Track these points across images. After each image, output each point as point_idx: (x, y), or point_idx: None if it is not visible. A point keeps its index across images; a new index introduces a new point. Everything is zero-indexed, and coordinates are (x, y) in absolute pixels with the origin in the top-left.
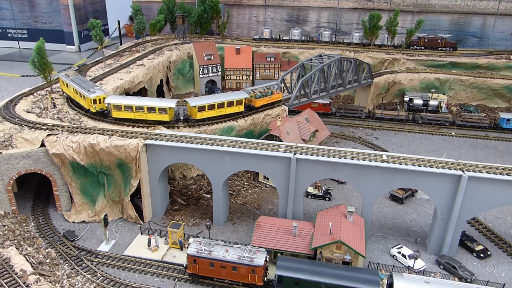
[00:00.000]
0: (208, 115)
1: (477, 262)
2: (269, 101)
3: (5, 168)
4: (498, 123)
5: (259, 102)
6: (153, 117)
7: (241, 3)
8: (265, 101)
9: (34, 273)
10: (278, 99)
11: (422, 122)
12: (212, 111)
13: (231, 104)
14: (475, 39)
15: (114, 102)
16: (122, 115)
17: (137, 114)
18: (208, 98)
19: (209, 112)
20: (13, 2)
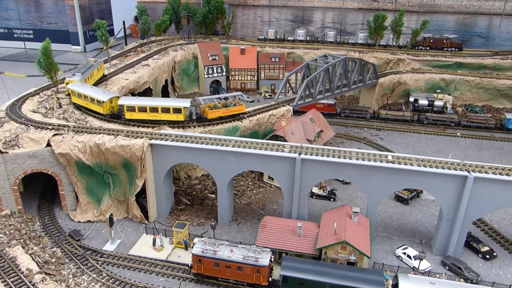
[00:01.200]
0: (138, 116)
1: (482, 263)
2: (227, 113)
3: (11, 168)
4: (504, 124)
5: (213, 114)
6: (168, 117)
7: (246, 4)
8: (220, 113)
9: (40, 272)
10: (240, 112)
11: (427, 123)
12: (143, 113)
13: (166, 110)
14: (481, 40)
15: (127, 103)
16: (135, 116)
17: (151, 114)
18: (143, 100)
19: (139, 114)
20: (19, 3)
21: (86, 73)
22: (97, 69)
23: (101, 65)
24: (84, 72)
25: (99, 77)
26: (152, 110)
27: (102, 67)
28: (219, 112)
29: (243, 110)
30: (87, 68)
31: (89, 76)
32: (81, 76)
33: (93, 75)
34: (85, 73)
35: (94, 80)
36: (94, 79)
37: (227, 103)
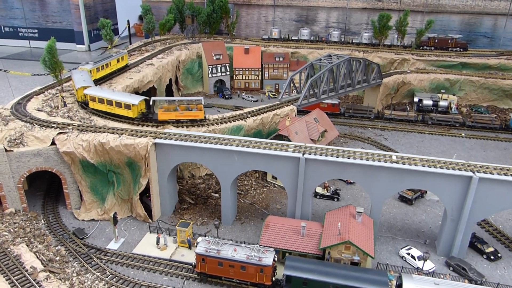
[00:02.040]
0: (98, 107)
1: (487, 264)
2: (180, 117)
3: (16, 166)
4: (509, 124)
5: (163, 116)
6: (120, 111)
7: (250, 3)
8: (173, 116)
9: (44, 270)
10: (197, 118)
11: (431, 123)
12: (102, 105)
13: (119, 105)
14: (486, 40)
15: (90, 93)
16: (96, 107)
17: (107, 107)
18: (104, 92)
19: (99, 105)
20: (24, 2)
21: (100, 62)
22: (117, 59)
23: (124, 55)
24: (98, 62)
25: (119, 67)
26: (108, 102)
27: (125, 58)
28: (171, 115)
29: (201, 116)
30: (105, 58)
31: (103, 66)
32: (93, 65)
33: (110, 65)
34: (99, 62)
35: (112, 70)
36: (111, 68)
37: (189, 107)
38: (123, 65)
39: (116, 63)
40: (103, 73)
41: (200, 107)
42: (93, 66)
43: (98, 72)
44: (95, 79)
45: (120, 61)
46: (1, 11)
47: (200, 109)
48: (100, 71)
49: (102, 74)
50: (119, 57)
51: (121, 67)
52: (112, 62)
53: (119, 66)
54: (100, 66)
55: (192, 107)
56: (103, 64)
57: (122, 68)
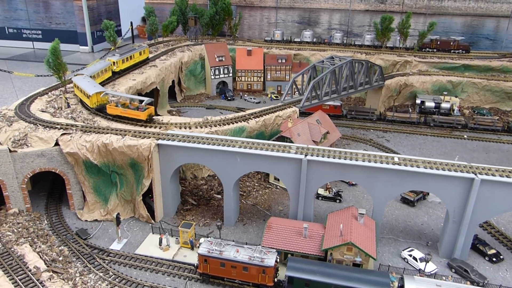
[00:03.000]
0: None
1: (489, 266)
2: (124, 114)
3: (20, 167)
4: (511, 127)
5: (111, 110)
6: (84, 99)
7: (252, 5)
8: (118, 112)
9: (47, 270)
10: (138, 118)
11: (434, 125)
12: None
13: (83, 93)
14: (488, 42)
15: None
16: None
17: (80, 94)
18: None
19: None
20: (28, 3)
21: (125, 55)
22: (140, 52)
23: (146, 49)
24: (123, 54)
25: (141, 60)
26: (81, 90)
27: (146, 51)
28: (117, 111)
29: (142, 117)
30: (129, 50)
31: (128, 58)
32: (119, 57)
33: (134, 57)
34: (124, 54)
35: (135, 62)
36: (134, 61)
37: (139, 106)
38: (145, 57)
39: (139, 55)
40: (127, 65)
41: (150, 109)
42: (119, 57)
43: (123, 63)
44: (120, 69)
45: (142, 54)
46: (5, 12)
47: (148, 109)
48: (125, 62)
49: (126, 65)
50: (141, 50)
51: (142, 59)
52: (135, 54)
53: (141, 58)
54: (125, 58)
55: (135, 106)
56: (127, 56)
57: (143, 60)
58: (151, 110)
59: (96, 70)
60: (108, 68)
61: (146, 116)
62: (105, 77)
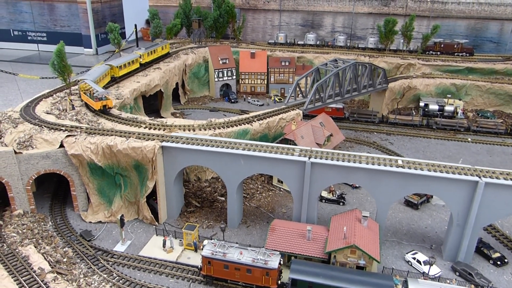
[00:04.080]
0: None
1: (493, 270)
2: (87, 100)
3: (25, 168)
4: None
5: (83, 96)
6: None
7: (256, 8)
8: (85, 98)
9: (51, 271)
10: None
11: (436, 128)
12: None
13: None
14: (492, 45)
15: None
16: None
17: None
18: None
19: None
20: (33, 6)
21: (150, 48)
22: (162, 47)
23: (167, 44)
24: (148, 48)
25: (162, 54)
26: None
27: (167, 46)
28: (84, 97)
29: (95, 107)
30: (152, 45)
31: (152, 51)
32: (145, 50)
33: (157, 51)
34: (149, 48)
35: (158, 56)
36: (157, 54)
37: (102, 96)
38: (166, 52)
39: (161, 50)
40: (152, 57)
41: (106, 101)
42: (145, 51)
43: (148, 56)
44: (145, 61)
45: (164, 49)
46: (10, 15)
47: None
48: (150, 55)
49: (151, 58)
50: (162, 45)
51: (164, 53)
52: (158, 49)
53: (163, 52)
54: (150, 52)
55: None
56: (152, 50)
57: (165, 54)
58: (107, 102)
59: (125, 61)
60: (136, 60)
61: (99, 106)
62: (133, 67)
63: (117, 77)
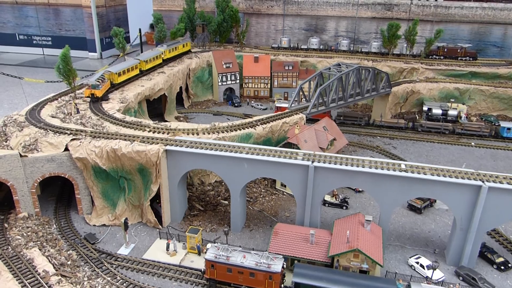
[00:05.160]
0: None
1: (497, 274)
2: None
3: (30, 171)
4: (498, 132)
5: (86, 91)
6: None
7: (260, 12)
8: (87, 93)
9: (56, 274)
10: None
11: (421, 130)
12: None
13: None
14: (496, 49)
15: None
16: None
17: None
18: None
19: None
20: (39, 10)
21: (172, 45)
22: (183, 45)
23: (188, 42)
24: (170, 45)
25: (183, 51)
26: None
27: (188, 44)
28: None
29: (85, 94)
30: (174, 42)
31: (173, 48)
32: (166, 47)
33: (178, 49)
34: (171, 45)
35: (179, 52)
36: (178, 51)
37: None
38: (187, 49)
39: (182, 47)
40: (173, 54)
41: (96, 91)
42: (166, 48)
43: (170, 53)
44: (167, 57)
45: (185, 47)
46: (16, 19)
47: (91, 90)
48: (171, 52)
49: (172, 55)
50: (184, 43)
51: (185, 51)
52: (179, 46)
53: (184, 50)
54: (171, 49)
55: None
56: (173, 47)
57: (186, 52)
58: (96, 92)
59: (150, 56)
60: (159, 56)
61: (88, 93)
62: (156, 63)
63: (144, 70)
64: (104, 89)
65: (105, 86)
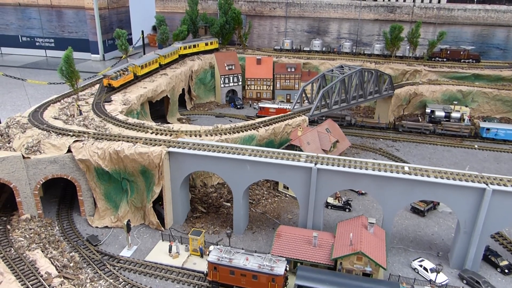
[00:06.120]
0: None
1: (501, 278)
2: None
3: (33, 173)
4: (478, 132)
5: (112, 82)
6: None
7: (262, 14)
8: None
9: (58, 276)
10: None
11: (402, 130)
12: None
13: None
14: (499, 51)
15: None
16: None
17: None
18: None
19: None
20: (41, 12)
21: (188, 43)
22: (206, 43)
23: (215, 40)
24: (186, 42)
25: (207, 49)
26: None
27: (215, 43)
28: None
29: (104, 83)
30: (194, 40)
31: (191, 45)
32: (182, 44)
33: (198, 46)
34: (187, 43)
35: (198, 50)
36: (198, 49)
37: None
38: (212, 48)
39: (204, 46)
40: (190, 51)
41: (112, 82)
42: (182, 44)
43: (185, 49)
44: (183, 53)
45: (209, 45)
46: (19, 21)
47: (108, 81)
48: (187, 49)
49: (188, 51)
50: (208, 41)
51: (209, 49)
52: (200, 44)
53: (208, 48)
54: (188, 45)
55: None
56: (191, 44)
57: (211, 50)
58: (113, 82)
59: (167, 52)
60: (176, 51)
61: (106, 83)
62: (173, 58)
63: (163, 64)
64: (122, 81)
65: (124, 78)
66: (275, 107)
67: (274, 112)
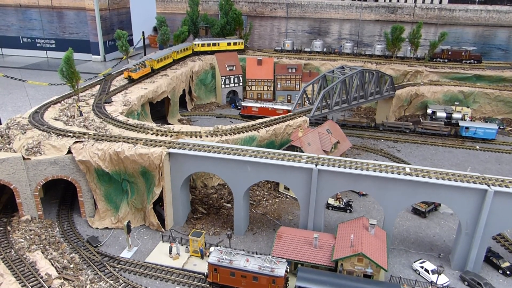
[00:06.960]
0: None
1: (503, 279)
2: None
3: (33, 174)
4: (458, 131)
5: (134, 74)
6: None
7: (263, 15)
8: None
9: (58, 277)
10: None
11: (383, 129)
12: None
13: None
14: (501, 52)
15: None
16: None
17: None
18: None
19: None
20: (42, 13)
21: (207, 41)
22: (228, 43)
23: (240, 41)
24: (205, 40)
25: (231, 49)
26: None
27: (240, 44)
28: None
29: (124, 75)
30: (216, 39)
31: (210, 44)
32: (202, 41)
33: (219, 45)
34: (206, 40)
35: (219, 49)
36: (219, 48)
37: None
38: (237, 48)
39: (226, 45)
40: (207, 48)
41: (132, 74)
42: (200, 41)
43: (202, 46)
44: (198, 50)
45: (232, 45)
46: (20, 22)
47: (128, 73)
48: (204, 46)
49: (206, 49)
50: (231, 41)
51: (234, 49)
52: (222, 43)
53: (231, 48)
54: (206, 43)
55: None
56: (209, 42)
57: (236, 50)
58: (132, 74)
59: (180, 48)
60: (189, 47)
61: (126, 75)
62: (186, 54)
63: (176, 59)
64: (141, 73)
65: (142, 71)
66: (258, 106)
67: (256, 111)
